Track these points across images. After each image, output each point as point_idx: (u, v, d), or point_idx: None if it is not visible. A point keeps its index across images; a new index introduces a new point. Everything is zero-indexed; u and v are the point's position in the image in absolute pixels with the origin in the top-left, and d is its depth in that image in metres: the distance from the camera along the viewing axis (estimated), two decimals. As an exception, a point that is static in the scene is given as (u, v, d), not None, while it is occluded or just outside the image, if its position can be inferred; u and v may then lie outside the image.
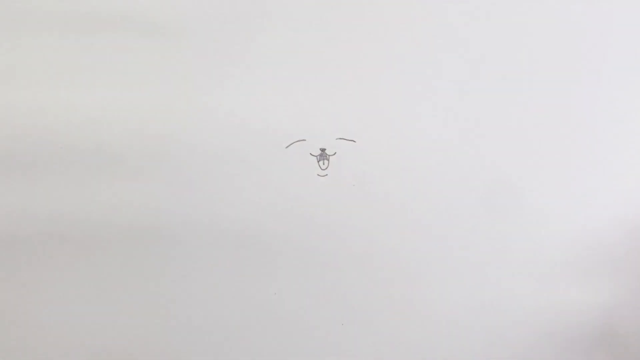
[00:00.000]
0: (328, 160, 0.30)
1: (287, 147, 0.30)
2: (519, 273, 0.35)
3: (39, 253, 0.28)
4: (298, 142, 0.30)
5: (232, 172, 0.29)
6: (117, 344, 0.28)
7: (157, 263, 0.28)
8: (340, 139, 0.30)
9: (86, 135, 0.29)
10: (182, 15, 0.29)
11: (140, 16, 0.29)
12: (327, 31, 0.30)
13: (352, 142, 0.30)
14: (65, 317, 0.28)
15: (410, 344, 0.30)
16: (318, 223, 0.29)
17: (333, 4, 0.30)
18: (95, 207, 0.28)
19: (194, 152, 0.29)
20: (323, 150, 0.30)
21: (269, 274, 0.29)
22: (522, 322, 0.36)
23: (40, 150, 0.28)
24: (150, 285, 0.28)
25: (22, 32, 0.29)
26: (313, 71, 0.29)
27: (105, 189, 0.29)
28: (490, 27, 0.31)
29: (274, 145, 0.30)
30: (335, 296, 0.29)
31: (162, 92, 0.29)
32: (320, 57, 0.29)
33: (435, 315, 0.30)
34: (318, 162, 0.30)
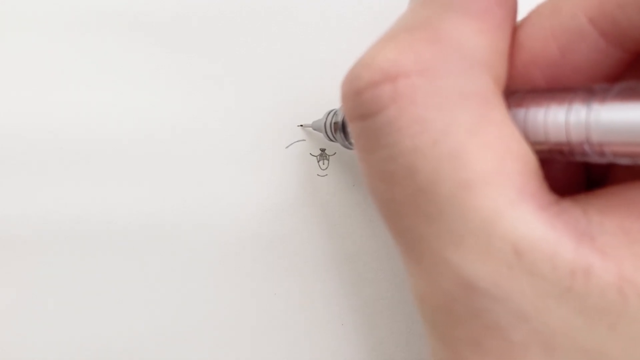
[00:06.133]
0: (328, 160, 0.30)
1: (287, 147, 0.30)
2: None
3: (39, 253, 0.28)
4: (298, 142, 0.30)
5: (232, 171, 0.29)
6: (115, 343, 0.29)
7: (157, 263, 0.28)
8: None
9: (86, 135, 0.29)
10: (183, 14, 0.29)
11: (141, 16, 0.29)
12: (327, 30, 0.30)
13: (352, 142, 0.30)
14: (66, 317, 0.28)
15: (410, 344, 0.30)
16: (318, 223, 0.29)
17: (334, 3, 0.30)
18: (95, 207, 0.29)
19: (194, 152, 0.29)
20: (323, 150, 0.30)
21: (269, 273, 0.29)
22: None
23: (40, 150, 0.28)
24: (149, 285, 0.28)
25: (22, 32, 0.29)
26: (313, 71, 0.29)
27: (106, 189, 0.29)
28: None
29: (274, 145, 0.30)
30: (335, 296, 0.29)
31: (163, 92, 0.29)
32: (321, 56, 0.29)
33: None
34: (318, 162, 0.30)
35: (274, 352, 0.30)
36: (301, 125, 0.29)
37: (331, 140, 0.26)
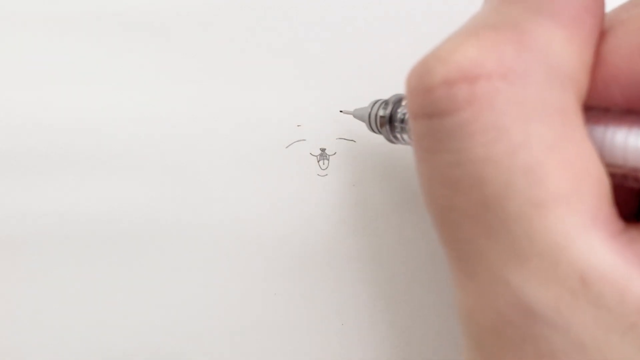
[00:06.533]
0: (328, 160, 0.30)
1: (287, 147, 0.30)
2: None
3: (39, 253, 0.28)
4: (298, 142, 0.30)
5: (232, 171, 0.29)
6: (115, 343, 0.29)
7: (156, 263, 0.28)
8: (340, 138, 0.30)
9: (86, 135, 0.29)
10: (183, 14, 0.29)
11: (140, 15, 0.30)
12: (328, 30, 0.30)
13: (352, 142, 0.30)
14: (66, 317, 0.28)
15: (411, 344, 0.30)
16: (318, 223, 0.29)
17: (333, 4, 0.30)
18: (95, 207, 0.29)
19: (194, 152, 0.29)
20: (323, 150, 0.30)
21: (269, 274, 0.29)
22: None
23: (41, 150, 0.29)
24: (149, 285, 0.28)
25: (22, 32, 0.29)
26: (313, 71, 0.29)
27: (106, 189, 0.29)
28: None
29: (274, 145, 0.30)
30: (335, 296, 0.29)
31: (163, 92, 0.29)
32: (321, 56, 0.29)
33: (437, 315, 0.30)
34: (318, 162, 0.30)
35: (274, 352, 0.30)
36: (341, 111, 0.28)
37: (373, 131, 0.25)
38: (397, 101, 0.23)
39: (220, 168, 0.29)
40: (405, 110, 0.22)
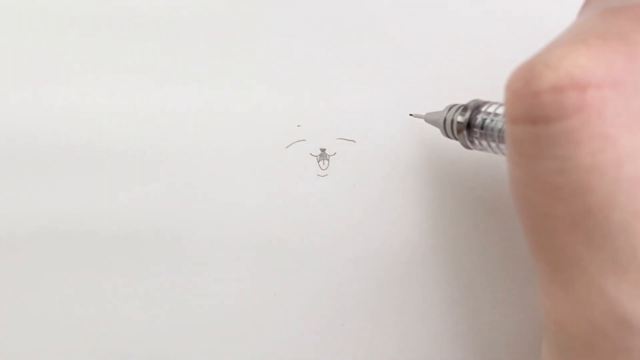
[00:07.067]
0: (328, 160, 0.30)
1: (287, 147, 0.30)
2: (521, 274, 0.35)
3: (39, 253, 0.28)
4: (298, 142, 0.30)
5: (232, 172, 0.29)
6: (115, 343, 0.29)
7: (156, 263, 0.28)
8: (340, 139, 0.30)
9: (87, 135, 0.29)
10: (182, 14, 0.29)
11: (141, 15, 0.30)
12: (328, 31, 0.30)
13: (352, 142, 0.30)
14: (65, 317, 0.28)
15: (410, 344, 0.30)
16: (318, 223, 0.29)
17: (333, 4, 0.30)
18: (96, 207, 0.29)
19: (194, 152, 0.29)
20: (323, 150, 0.30)
21: (268, 274, 0.29)
22: (525, 322, 0.35)
23: (41, 150, 0.29)
24: (149, 285, 0.28)
25: (22, 32, 0.29)
26: (313, 71, 0.29)
27: (106, 189, 0.29)
28: (492, 25, 0.31)
29: (274, 145, 0.30)
30: (335, 296, 0.29)
31: (163, 92, 0.29)
32: (321, 56, 0.29)
33: (437, 316, 0.30)
34: (318, 162, 0.30)
35: (274, 352, 0.30)
36: (411, 114, 0.27)
37: (448, 136, 0.25)
38: (476, 107, 0.23)
39: (220, 168, 0.29)
40: (485, 116, 0.22)
